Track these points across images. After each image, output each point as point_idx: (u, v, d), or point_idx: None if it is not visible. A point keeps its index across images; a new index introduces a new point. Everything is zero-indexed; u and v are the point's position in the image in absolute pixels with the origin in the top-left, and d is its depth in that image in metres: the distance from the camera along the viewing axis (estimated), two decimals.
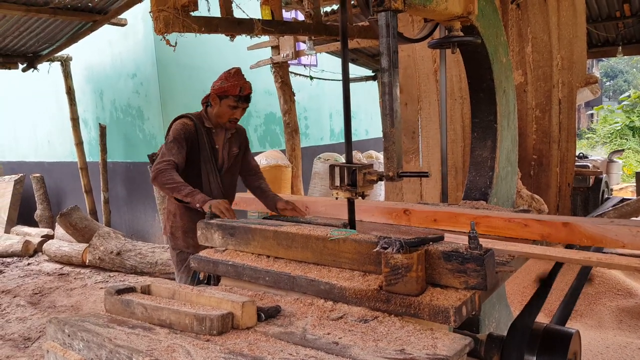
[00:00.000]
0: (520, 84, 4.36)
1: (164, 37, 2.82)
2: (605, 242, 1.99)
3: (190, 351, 1.36)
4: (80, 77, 7.74)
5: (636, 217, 3.69)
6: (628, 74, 31.34)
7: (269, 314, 1.62)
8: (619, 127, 17.96)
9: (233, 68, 2.81)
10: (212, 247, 2.22)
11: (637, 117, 18.09)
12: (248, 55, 6.69)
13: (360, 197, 2.15)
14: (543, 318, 3.07)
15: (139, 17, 6.71)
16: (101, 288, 5.44)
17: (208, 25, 3.13)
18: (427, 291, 1.52)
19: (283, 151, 6.98)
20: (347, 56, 2.22)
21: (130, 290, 1.76)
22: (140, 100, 7.03)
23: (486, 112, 2.93)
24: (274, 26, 3.62)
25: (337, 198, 2.20)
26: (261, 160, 6.37)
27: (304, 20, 4.40)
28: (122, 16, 6.02)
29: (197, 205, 2.55)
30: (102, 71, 7.52)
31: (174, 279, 3.76)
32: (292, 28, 4.04)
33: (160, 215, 6.35)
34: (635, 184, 7.16)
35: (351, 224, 2.16)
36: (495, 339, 1.88)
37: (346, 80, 2.18)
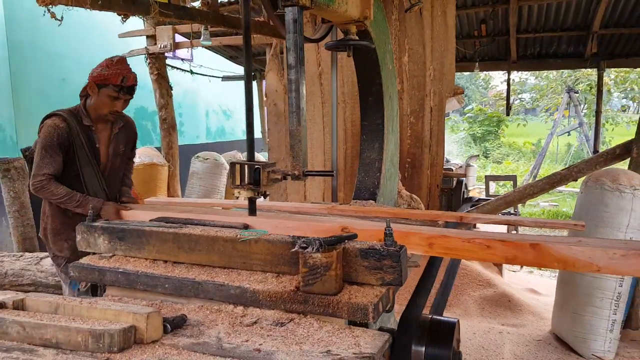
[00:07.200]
0: (397, 91, 4.62)
1: (49, 10, 2.46)
2: (578, 266, 1.60)
3: None
4: None
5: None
6: (468, 89, 35.33)
7: (175, 324, 1.48)
8: (464, 136, 20.44)
9: (117, 56, 2.55)
10: (95, 253, 1.99)
11: (479, 127, 20.61)
12: (119, 42, 6.19)
13: (262, 197, 2.09)
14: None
15: None
16: None
17: (100, 1, 2.81)
18: (344, 290, 1.51)
19: (158, 149, 6.58)
20: (249, 52, 2.14)
21: None
22: None
23: (374, 116, 3.05)
24: (171, 10, 3.42)
25: (237, 197, 2.11)
26: (134, 159, 5.91)
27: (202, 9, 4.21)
28: None
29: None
30: None
31: (29, 291, 3.43)
32: (190, 14, 3.90)
33: (9, 218, 5.57)
34: (484, 186, 8.06)
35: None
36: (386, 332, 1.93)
37: (249, 77, 2.11)
